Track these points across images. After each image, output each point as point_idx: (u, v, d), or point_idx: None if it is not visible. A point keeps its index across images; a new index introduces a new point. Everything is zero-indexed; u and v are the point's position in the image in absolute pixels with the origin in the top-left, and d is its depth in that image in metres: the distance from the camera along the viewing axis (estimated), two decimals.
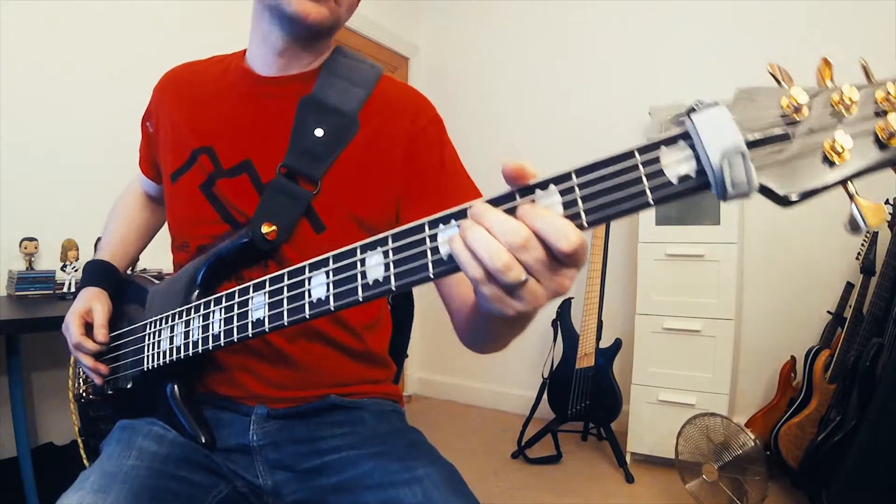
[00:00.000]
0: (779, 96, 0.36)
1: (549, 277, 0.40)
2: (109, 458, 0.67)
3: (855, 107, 0.35)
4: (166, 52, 2.01)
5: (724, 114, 0.36)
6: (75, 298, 0.83)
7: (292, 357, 0.75)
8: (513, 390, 3.03)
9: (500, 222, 0.39)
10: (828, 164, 0.35)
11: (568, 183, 0.40)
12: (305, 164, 0.72)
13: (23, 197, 1.69)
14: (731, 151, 0.34)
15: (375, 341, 0.83)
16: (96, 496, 0.60)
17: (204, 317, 0.64)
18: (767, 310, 2.45)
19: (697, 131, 0.36)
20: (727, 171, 0.34)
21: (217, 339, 0.62)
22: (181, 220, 0.80)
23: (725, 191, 0.35)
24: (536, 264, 0.39)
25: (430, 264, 0.44)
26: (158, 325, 0.71)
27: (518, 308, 0.41)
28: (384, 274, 0.46)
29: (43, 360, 1.72)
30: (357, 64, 0.79)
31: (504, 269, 0.39)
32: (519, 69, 3.07)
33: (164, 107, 0.84)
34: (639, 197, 0.38)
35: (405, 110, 0.77)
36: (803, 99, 0.35)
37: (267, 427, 0.75)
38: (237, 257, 0.71)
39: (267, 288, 0.57)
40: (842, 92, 0.35)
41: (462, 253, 0.40)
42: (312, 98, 0.74)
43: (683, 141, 0.37)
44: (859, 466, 1.51)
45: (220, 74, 0.82)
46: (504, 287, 0.40)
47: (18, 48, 1.67)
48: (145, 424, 0.73)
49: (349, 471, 0.71)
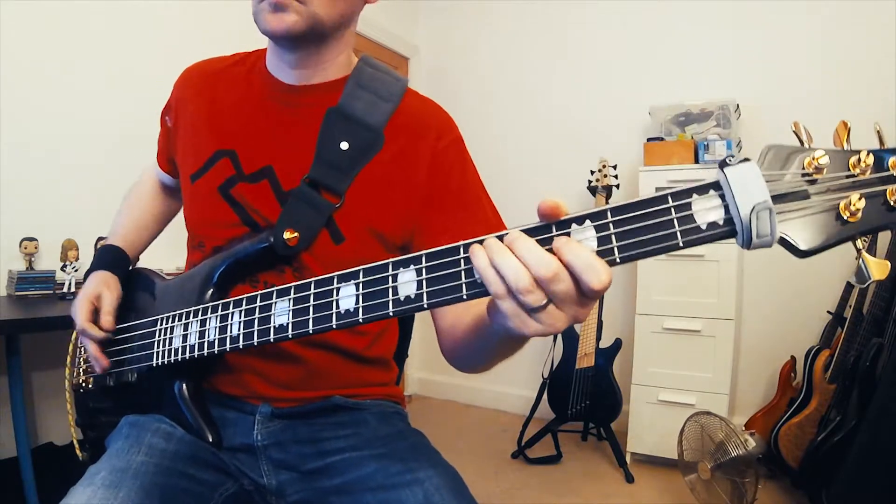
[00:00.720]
0: (802, 156, 0.40)
1: (570, 307, 0.41)
2: (118, 454, 0.67)
3: (869, 171, 0.39)
4: (166, 53, 2.01)
5: (755, 170, 0.39)
6: (82, 287, 0.82)
7: (300, 359, 0.75)
8: (513, 390, 3.03)
9: (532, 252, 0.41)
10: (841, 221, 0.39)
11: (604, 220, 0.42)
12: (330, 176, 0.72)
13: (23, 197, 1.69)
14: (760, 207, 0.38)
15: (381, 348, 0.84)
16: (107, 492, 0.60)
17: (222, 318, 0.64)
18: (767, 310, 2.45)
19: (729, 184, 0.39)
20: (755, 223, 0.38)
21: (236, 342, 0.62)
22: (199, 220, 0.80)
23: (751, 241, 0.38)
24: (562, 295, 0.40)
25: (464, 286, 0.45)
26: (171, 321, 0.71)
27: (534, 329, 0.42)
28: (416, 292, 0.48)
29: (43, 360, 1.72)
30: (383, 76, 0.79)
31: (525, 290, 0.40)
32: (519, 69, 3.07)
33: (185, 104, 0.83)
34: (670, 238, 0.41)
35: (429, 128, 0.77)
36: (824, 161, 0.39)
37: (271, 427, 0.75)
38: (255, 260, 0.71)
39: (292, 295, 0.58)
40: (860, 157, 0.39)
41: (486, 270, 0.42)
42: (339, 109, 0.74)
43: (714, 191, 0.40)
44: (859, 466, 1.51)
45: (244, 76, 0.81)
46: (524, 307, 0.41)
47: (18, 48, 1.67)
48: (153, 421, 0.73)
49: (351, 472, 0.71)
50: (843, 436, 1.77)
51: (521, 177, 2.89)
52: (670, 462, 2.23)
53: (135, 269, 0.89)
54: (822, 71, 2.32)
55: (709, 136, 2.28)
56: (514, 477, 2.24)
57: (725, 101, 2.30)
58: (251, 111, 0.78)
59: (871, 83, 2.21)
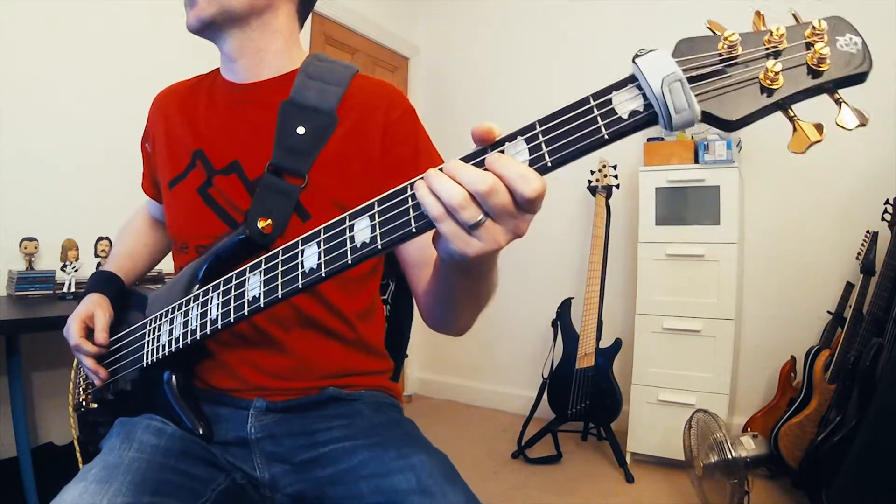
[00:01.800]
0: (716, 41, 0.41)
1: (508, 220, 0.44)
2: (111, 451, 0.68)
3: (785, 42, 0.40)
4: (167, 54, 2.01)
5: (663, 53, 0.40)
6: (77, 300, 0.85)
7: (287, 346, 0.77)
8: (513, 390, 3.03)
9: (466, 171, 0.44)
10: (766, 92, 0.39)
11: (533, 132, 0.44)
12: (291, 160, 0.76)
13: (23, 197, 1.70)
14: (669, 79, 0.39)
15: (368, 331, 0.85)
16: (99, 487, 0.60)
17: (202, 304, 0.67)
18: (767, 310, 2.45)
19: (641, 70, 0.40)
20: (668, 98, 0.39)
21: (215, 324, 0.64)
22: (180, 222, 0.83)
23: (671, 118, 0.39)
24: (499, 208, 0.43)
25: (413, 219, 0.47)
26: (158, 320, 0.73)
27: (476, 248, 0.44)
28: (370, 235, 0.50)
29: (43, 360, 1.72)
30: (331, 65, 0.83)
31: (460, 206, 0.43)
32: (519, 69, 3.07)
33: (158, 124, 0.88)
34: (595, 133, 0.42)
35: (380, 102, 0.80)
36: (736, 38, 0.40)
37: (265, 420, 0.76)
38: (236, 253, 0.72)
39: (262, 266, 0.60)
40: (772, 32, 0.40)
41: (426, 196, 0.45)
42: (292, 100, 0.79)
43: (631, 84, 0.42)
44: (859, 466, 1.51)
45: (206, 89, 0.87)
46: (462, 225, 0.44)
47: (19, 49, 1.67)
48: (144, 419, 0.74)
49: (345, 462, 0.72)
50: (843, 436, 1.77)
51: None
52: (670, 462, 2.23)
53: (130, 288, 0.91)
54: None
55: (708, 136, 2.28)
56: (514, 477, 2.24)
57: None
58: (214, 114, 0.83)
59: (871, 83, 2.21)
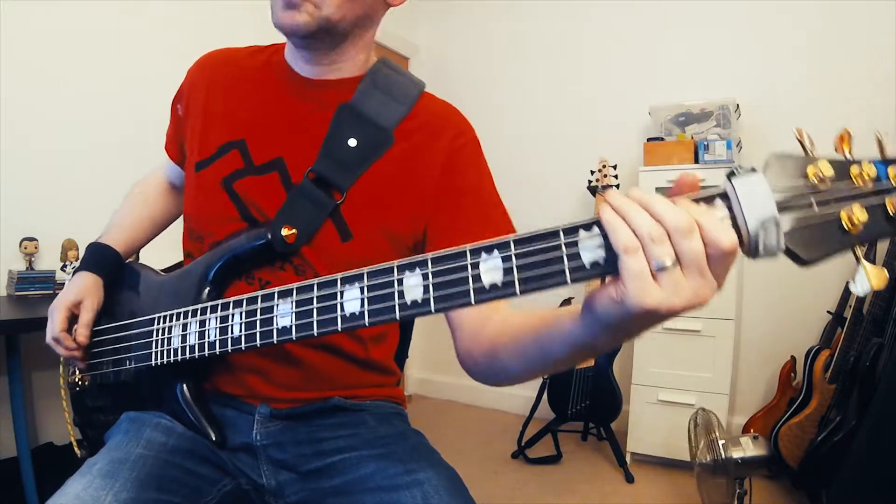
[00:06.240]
0: (805, 166, 0.40)
1: (695, 276, 0.39)
2: (117, 447, 0.67)
3: (871, 183, 0.39)
4: (168, 55, 2.01)
5: (762, 183, 0.39)
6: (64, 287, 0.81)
7: (299, 360, 0.74)
8: (513, 390, 3.02)
9: (663, 205, 0.39)
10: (842, 231, 0.39)
11: None
12: (334, 172, 0.71)
13: (23, 197, 1.70)
14: (768, 221, 0.38)
15: (381, 352, 0.83)
16: (104, 481, 0.60)
17: (222, 318, 0.64)
18: (767, 310, 2.45)
19: (737, 196, 0.39)
20: (762, 236, 0.38)
21: (237, 343, 0.62)
22: (199, 211, 0.78)
23: (757, 253, 0.39)
24: (691, 254, 0.38)
25: (472, 291, 0.45)
26: (168, 321, 0.70)
27: (655, 297, 0.38)
28: (423, 296, 0.47)
29: (43, 360, 1.72)
30: (399, 78, 0.79)
31: (659, 239, 0.38)
32: (519, 69, 3.07)
33: (198, 92, 0.81)
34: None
35: (446, 128, 0.76)
36: (828, 173, 0.39)
37: (270, 427, 0.75)
38: (253, 256, 0.70)
39: (294, 297, 0.57)
40: (861, 167, 0.40)
41: (613, 220, 0.39)
42: (351, 106, 0.74)
43: (721, 201, 0.40)
44: (860, 466, 1.51)
45: (261, 67, 0.80)
46: (653, 264, 0.38)
47: (19, 49, 1.67)
48: (154, 417, 0.73)
49: (350, 473, 0.71)
50: (843, 436, 1.77)
51: (521, 176, 2.88)
52: (670, 462, 2.23)
53: (129, 263, 0.87)
54: (821, 71, 2.32)
55: (709, 136, 2.28)
56: (514, 477, 2.24)
57: (725, 101, 2.30)
58: (265, 101, 0.77)
59: (871, 83, 2.21)
